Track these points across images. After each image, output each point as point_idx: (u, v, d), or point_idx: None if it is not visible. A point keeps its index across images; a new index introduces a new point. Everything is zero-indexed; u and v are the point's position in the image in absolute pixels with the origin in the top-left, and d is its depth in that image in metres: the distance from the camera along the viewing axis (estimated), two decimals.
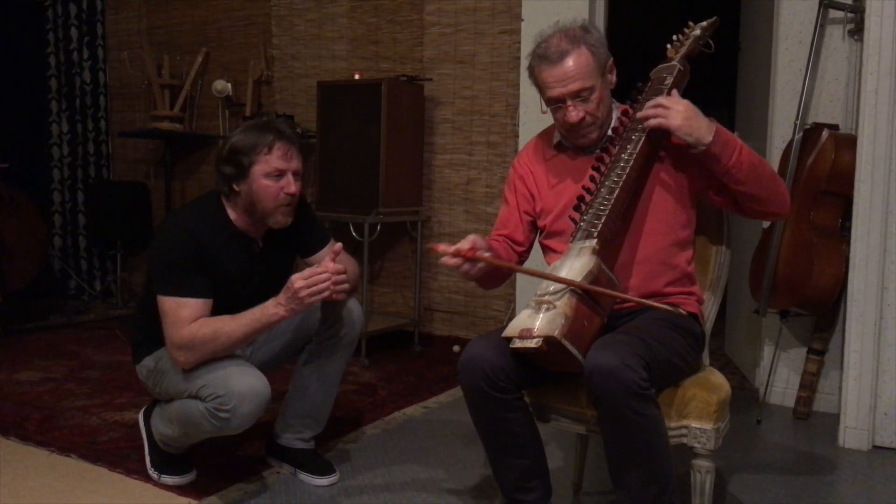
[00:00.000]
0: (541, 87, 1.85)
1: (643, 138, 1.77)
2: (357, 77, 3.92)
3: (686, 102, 1.74)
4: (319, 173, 3.94)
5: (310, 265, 2.12)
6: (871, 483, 2.42)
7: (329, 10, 4.36)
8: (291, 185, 2.09)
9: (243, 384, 1.99)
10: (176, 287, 2.03)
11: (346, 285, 2.03)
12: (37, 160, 5.17)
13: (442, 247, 1.70)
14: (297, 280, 1.96)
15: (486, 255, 1.75)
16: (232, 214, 2.16)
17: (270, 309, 2.00)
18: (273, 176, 2.07)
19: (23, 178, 4.65)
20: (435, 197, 4.08)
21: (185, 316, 2.01)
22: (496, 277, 1.92)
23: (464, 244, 1.73)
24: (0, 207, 4.31)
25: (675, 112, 1.71)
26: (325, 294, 1.98)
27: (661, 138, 1.83)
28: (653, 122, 1.73)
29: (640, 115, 1.77)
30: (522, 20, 3.61)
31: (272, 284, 2.10)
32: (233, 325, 2.00)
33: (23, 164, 4.70)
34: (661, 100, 1.75)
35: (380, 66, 4.20)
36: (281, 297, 1.99)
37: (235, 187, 2.11)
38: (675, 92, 1.80)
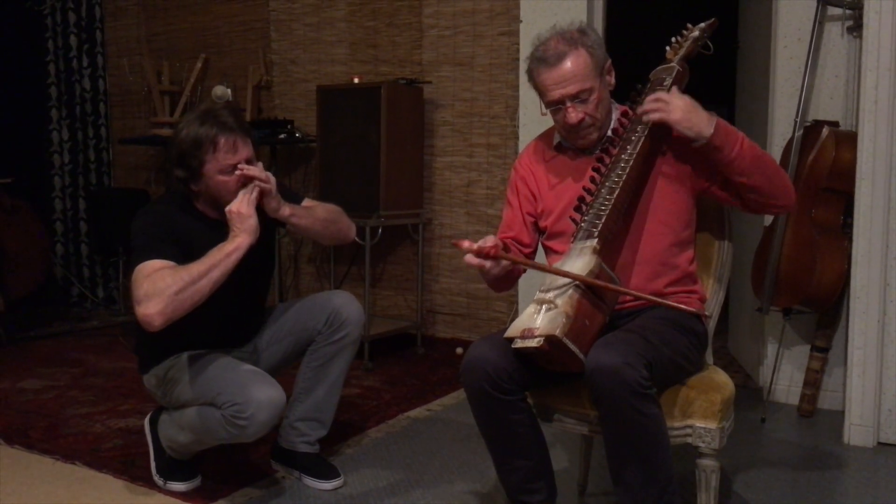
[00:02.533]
0: (540, 89, 1.86)
1: (643, 138, 1.77)
2: (356, 81, 3.92)
3: (686, 97, 1.76)
4: (320, 177, 3.94)
5: (290, 234, 2.11)
6: (877, 479, 2.42)
7: (327, 14, 4.37)
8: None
9: (261, 393, 2.00)
10: (143, 255, 1.98)
11: (264, 174, 2.06)
12: (38, 168, 5.17)
13: (466, 243, 1.67)
14: (229, 207, 2.01)
15: (509, 254, 1.75)
16: (199, 206, 2.17)
17: (227, 243, 1.98)
18: (226, 171, 2.06)
19: (24, 187, 4.65)
20: (436, 199, 4.09)
21: (146, 272, 1.94)
22: (509, 279, 1.92)
23: (487, 241, 1.70)
24: (2, 216, 4.32)
25: (674, 106, 1.72)
26: (255, 192, 2.03)
27: (661, 137, 1.83)
28: (654, 116, 1.74)
29: (639, 109, 1.78)
30: (521, 22, 3.61)
31: (256, 266, 2.08)
32: (192, 264, 1.94)
33: (24, 172, 4.70)
34: (660, 94, 1.76)
35: (379, 69, 4.21)
36: (231, 231, 1.99)
37: (193, 188, 2.11)
38: (674, 89, 1.81)
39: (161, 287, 1.89)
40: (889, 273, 2.64)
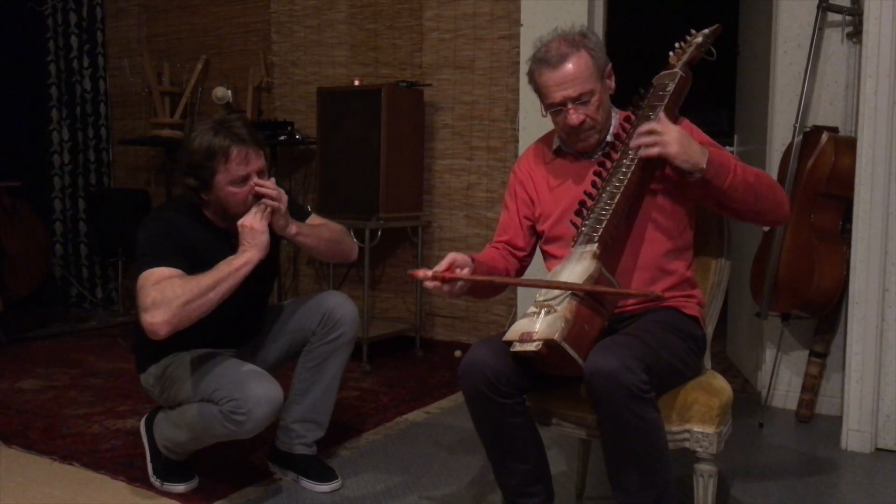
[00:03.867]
0: (541, 91, 1.85)
1: None
2: (357, 83, 3.92)
3: (676, 127, 1.71)
4: (320, 179, 3.95)
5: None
6: (874, 486, 2.42)
7: (328, 16, 4.37)
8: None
9: (259, 389, 2.00)
10: (149, 262, 1.99)
11: (276, 191, 2.07)
12: (38, 168, 5.17)
13: (421, 272, 1.70)
14: (241, 221, 2.01)
15: (464, 272, 1.74)
16: (208, 214, 2.17)
17: (236, 257, 1.98)
18: (237, 183, 2.06)
19: (24, 187, 4.65)
20: (435, 202, 4.09)
21: (154, 279, 1.95)
22: (487, 289, 1.92)
23: (441, 265, 1.73)
24: (3, 217, 4.32)
25: (670, 139, 1.67)
26: (268, 210, 2.04)
27: None
28: (652, 151, 1.68)
29: (633, 143, 1.73)
30: (521, 25, 3.62)
31: (260, 275, 2.08)
32: (201, 276, 1.94)
33: (24, 172, 4.70)
34: (651, 125, 1.70)
35: (379, 71, 4.21)
36: (241, 245, 2.00)
37: (203, 197, 2.11)
38: (661, 115, 1.76)
39: (169, 297, 1.89)
40: (888, 279, 2.64)
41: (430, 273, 1.70)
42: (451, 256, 1.75)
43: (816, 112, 2.97)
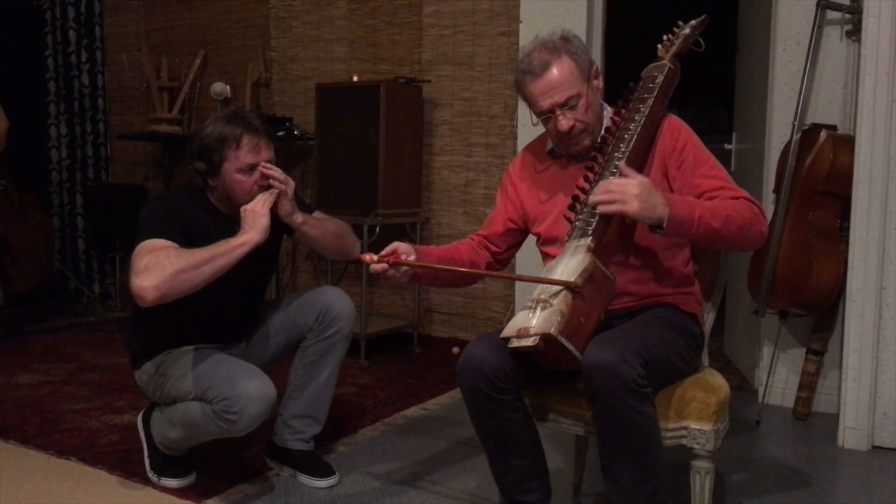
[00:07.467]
0: (529, 100, 1.86)
1: (635, 137, 1.77)
2: (356, 79, 3.92)
3: (638, 180, 1.62)
4: (318, 175, 3.94)
5: (296, 242, 2.11)
6: (871, 483, 2.42)
7: (327, 12, 4.37)
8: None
9: (251, 386, 2.00)
10: (148, 234, 1.99)
11: (283, 176, 2.09)
12: (35, 163, 5.16)
13: (367, 256, 1.76)
14: (245, 206, 2.03)
15: (411, 258, 1.79)
16: (212, 199, 2.19)
17: (235, 237, 1.98)
18: (245, 171, 2.08)
19: (21, 182, 4.63)
20: (434, 198, 4.09)
21: (149, 248, 1.94)
22: (439, 278, 1.95)
23: (385, 251, 1.78)
24: (10, 211, 4.31)
25: (630, 196, 1.59)
26: (272, 197, 2.05)
27: (654, 137, 1.83)
28: (610, 208, 1.62)
29: (592, 200, 1.66)
30: (521, 22, 3.61)
31: (258, 267, 2.09)
32: (197, 249, 1.94)
33: (21, 167, 4.69)
34: (611, 185, 1.63)
35: (378, 67, 4.21)
36: (242, 227, 2.00)
37: (210, 182, 2.13)
38: (622, 166, 1.69)
39: (163, 263, 1.89)
40: (885, 277, 2.64)
41: (376, 257, 1.75)
42: (395, 245, 1.80)
43: (815, 110, 2.97)
